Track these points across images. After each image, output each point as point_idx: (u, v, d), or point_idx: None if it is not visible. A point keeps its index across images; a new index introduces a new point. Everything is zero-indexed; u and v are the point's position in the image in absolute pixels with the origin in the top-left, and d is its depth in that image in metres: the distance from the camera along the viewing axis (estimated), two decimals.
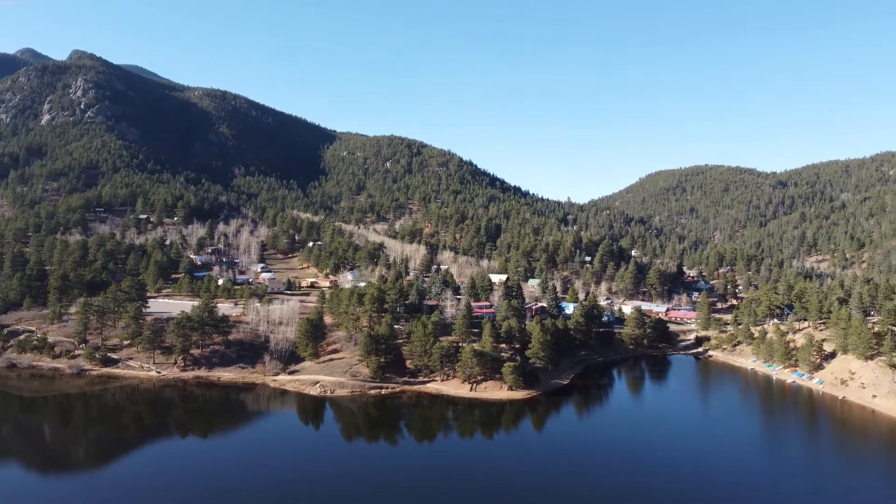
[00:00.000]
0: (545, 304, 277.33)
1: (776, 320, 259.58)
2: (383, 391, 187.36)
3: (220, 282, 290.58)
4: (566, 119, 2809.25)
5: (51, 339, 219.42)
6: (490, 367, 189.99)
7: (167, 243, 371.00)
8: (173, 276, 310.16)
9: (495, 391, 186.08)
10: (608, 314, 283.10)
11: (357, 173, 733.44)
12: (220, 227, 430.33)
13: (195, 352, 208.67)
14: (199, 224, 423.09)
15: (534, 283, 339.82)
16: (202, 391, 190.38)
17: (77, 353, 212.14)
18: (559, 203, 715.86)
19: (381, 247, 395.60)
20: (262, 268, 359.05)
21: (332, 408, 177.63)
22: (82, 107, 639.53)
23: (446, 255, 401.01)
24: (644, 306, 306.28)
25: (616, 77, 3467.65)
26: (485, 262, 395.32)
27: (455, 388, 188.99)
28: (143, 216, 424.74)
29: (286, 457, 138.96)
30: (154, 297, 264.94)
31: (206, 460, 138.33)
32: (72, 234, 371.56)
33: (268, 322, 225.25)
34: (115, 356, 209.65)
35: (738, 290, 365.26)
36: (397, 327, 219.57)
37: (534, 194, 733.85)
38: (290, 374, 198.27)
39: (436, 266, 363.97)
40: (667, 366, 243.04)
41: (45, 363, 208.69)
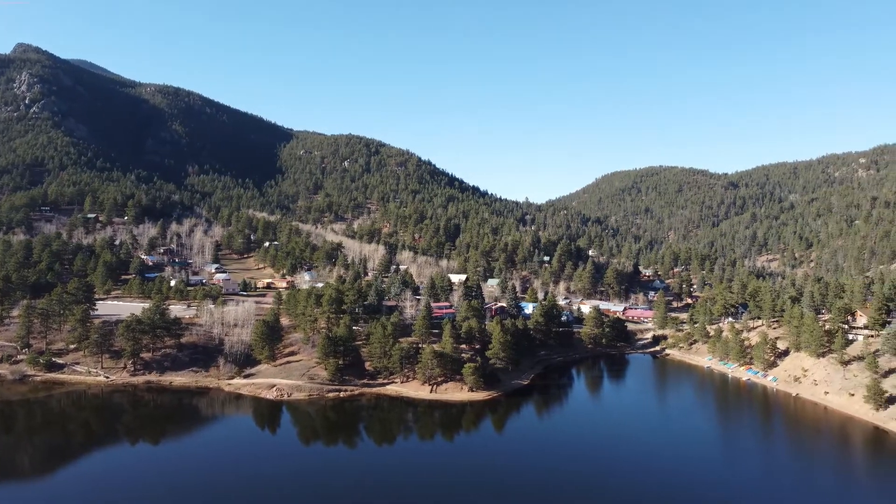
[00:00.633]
0: (505, 304, 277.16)
1: (731, 319, 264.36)
2: (342, 394, 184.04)
3: (173, 283, 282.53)
4: (524, 120, 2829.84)
5: None
6: (450, 368, 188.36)
7: (117, 243, 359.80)
8: (123, 277, 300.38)
9: (456, 392, 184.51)
10: (567, 314, 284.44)
11: (314, 172, 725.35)
12: (173, 226, 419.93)
13: (146, 356, 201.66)
14: (150, 224, 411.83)
15: (493, 282, 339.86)
16: (153, 396, 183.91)
17: (19, 358, 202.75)
18: (517, 203, 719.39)
19: (339, 247, 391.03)
20: (217, 268, 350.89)
21: (289, 411, 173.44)
22: (27, 102, 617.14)
23: (405, 255, 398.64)
24: (602, 305, 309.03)
25: (573, 80, 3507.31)
26: (444, 262, 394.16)
27: (415, 389, 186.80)
28: (91, 215, 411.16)
29: (241, 462, 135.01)
30: (103, 300, 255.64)
31: (158, 467, 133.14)
32: (15, 233, 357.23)
33: (222, 324, 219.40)
34: (60, 361, 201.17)
35: (692, 290, 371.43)
36: (356, 329, 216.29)
37: (492, 194, 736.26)
38: (246, 377, 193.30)
39: (395, 266, 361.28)
40: (625, 365, 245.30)
41: None
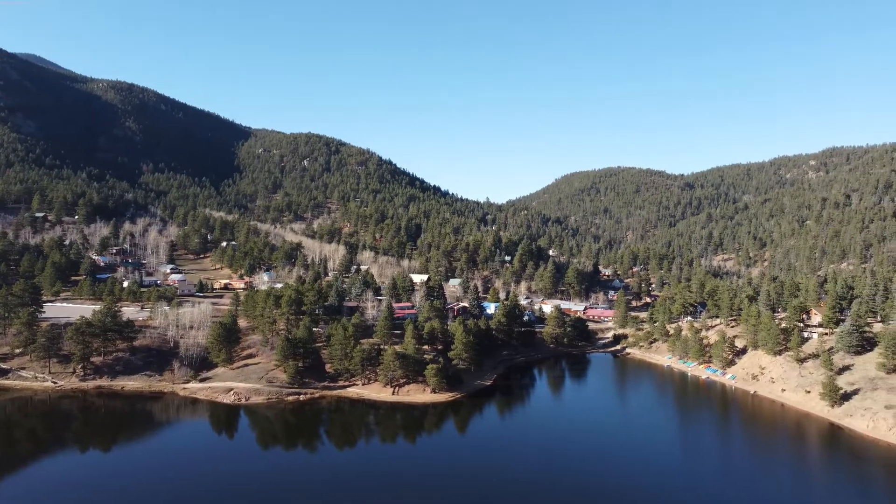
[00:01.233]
0: (467, 305, 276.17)
1: (690, 318, 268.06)
2: (302, 397, 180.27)
3: (126, 284, 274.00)
4: (484, 121, 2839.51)
5: None
6: (412, 369, 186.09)
7: (66, 243, 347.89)
8: (73, 278, 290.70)
9: (418, 394, 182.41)
10: (529, 313, 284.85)
11: (273, 171, 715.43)
12: (126, 226, 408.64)
13: (96, 360, 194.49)
14: (102, 223, 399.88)
15: (455, 282, 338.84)
16: (104, 402, 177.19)
17: None
18: (478, 203, 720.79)
19: (298, 247, 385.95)
20: (172, 269, 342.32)
21: (248, 415, 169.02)
22: None
23: (366, 255, 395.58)
24: (563, 305, 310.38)
25: (532, 82, 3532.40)
26: (405, 262, 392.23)
27: (377, 391, 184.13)
28: (39, 214, 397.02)
29: (196, 467, 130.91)
30: (51, 302, 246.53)
31: (108, 474, 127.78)
32: None
33: (177, 326, 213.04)
34: (4, 366, 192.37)
35: (651, 289, 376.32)
36: (316, 330, 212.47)
37: (453, 194, 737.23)
38: (202, 381, 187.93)
39: (356, 266, 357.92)
40: (586, 364, 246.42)
41: None
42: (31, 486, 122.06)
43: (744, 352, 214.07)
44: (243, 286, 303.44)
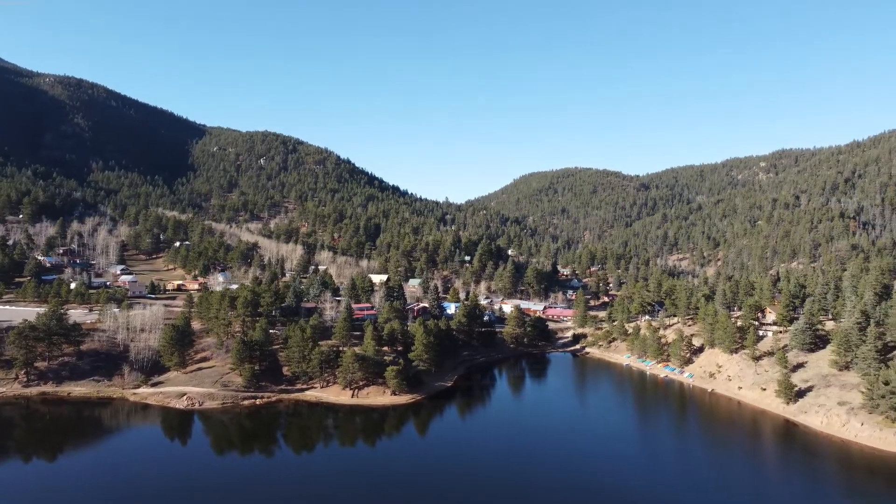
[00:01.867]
0: (427, 305, 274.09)
1: (648, 317, 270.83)
2: (258, 401, 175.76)
3: (73, 285, 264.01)
4: (442, 120, 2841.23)
5: None
6: (372, 371, 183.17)
7: (10, 243, 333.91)
8: (17, 279, 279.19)
9: (378, 397, 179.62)
10: (489, 313, 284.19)
11: (229, 170, 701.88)
12: (74, 225, 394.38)
13: (41, 365, 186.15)
14: (48, 222, 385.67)
15: (415, 283, 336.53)
16: (49, 409, 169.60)
17: None
18: (437, 203, 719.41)
19: (254, 247, 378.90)
20: (123, 270, 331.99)
21: (202, 421, 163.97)
22: None
23: (325, 255, 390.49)
24: (523, 305, 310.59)
25: (489, 81, 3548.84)
26: (364, 263, 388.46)
27: (335, 394, 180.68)
28: None
29: (147, 475, 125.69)
30: None
31: (54, 484, 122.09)
32: None
33: (128, 329, 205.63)
34: None
35: (609, 288, 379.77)
36: (273, 332, 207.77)
37: (412, 194, 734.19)
38: (153, 386, 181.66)
39: (314, 266, 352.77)
40: (547, 364, 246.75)
41: None
42: None
43: (701, 350, 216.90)
44: (197, 287, 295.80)
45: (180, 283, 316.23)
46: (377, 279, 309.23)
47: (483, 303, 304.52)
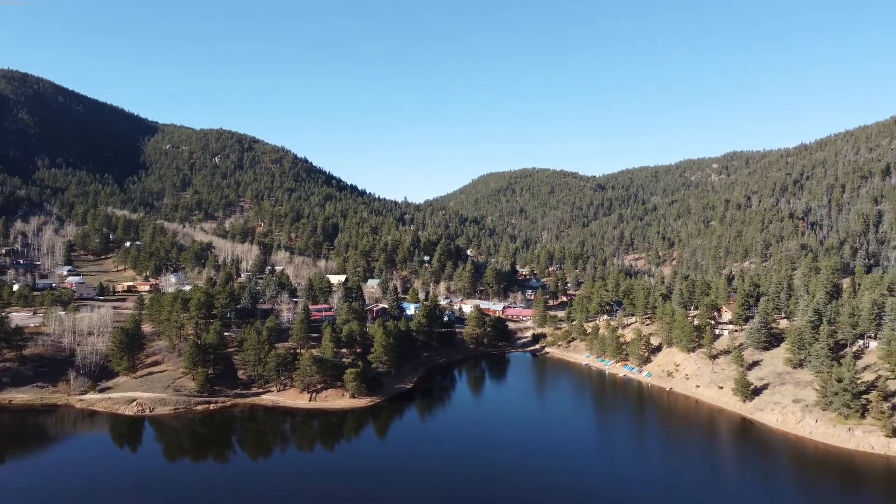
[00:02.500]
0: (386, 306, 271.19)
1: (606, 316, 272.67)
2: (212, 406, 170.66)
3: (16, 287, 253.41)
4: (401, 119, 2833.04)
5: None
6: (331, 374, 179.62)
7: None
8: None
9: (336, 400, 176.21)
10: (449, 314, 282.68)
11: (182, 168, 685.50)
12: (18, 224, 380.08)
13: None
14: None
15: (373, 283, 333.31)
16: None
17: None
18: (396, 203, 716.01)
19: (209, 247, 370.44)
20: (69, 271, 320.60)
21: (153, 427, 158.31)
22: None
23: (281, 256, 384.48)
24: (482, 305, 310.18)
25: (447, 81, 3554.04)
26: (322, 263, 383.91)
27: (293, 398, 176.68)
28: None
29: (94, 484, 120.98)
30: None
31: None
32: None
33: (74, 333, 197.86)
34: None
35: (567, 288, 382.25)
36: (228, 335, 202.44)
37: (371, 193, 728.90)
38: (101, 391, 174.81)
39: (270, 267, 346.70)
40: (506, 364, 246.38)
41: None
42: None
43: (659, 349, 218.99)
44: (149, 289, 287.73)
45: (131, 284, 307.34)
46: (335, 280, 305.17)
47: (443, 303, 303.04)
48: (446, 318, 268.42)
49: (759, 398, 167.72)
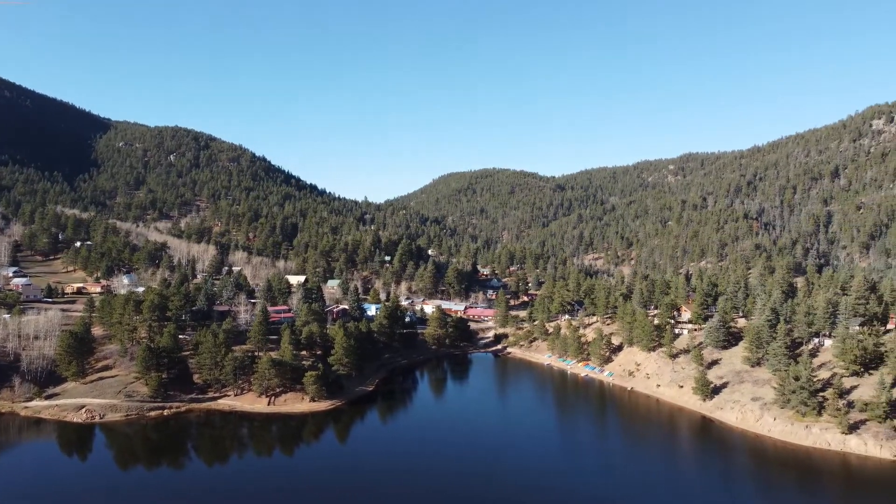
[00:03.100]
0: (347, 307, 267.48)
1: (568, 316, 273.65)
2: (166, 411, 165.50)
3: None
4: (361, 119, 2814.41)
5: None
6: (290, 377, 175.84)
7: None
8: None
9: (296, 403, 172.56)
10: (410, 314, 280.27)
11: (136, 166, 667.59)
12: None
13: None
14: None
15: (334, 284, 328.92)
16: None
17: None
18: (356, 202, 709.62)
19: (163, 247, 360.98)
20: (15, 272, 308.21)
21: (104, 434, 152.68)
22: None
23: (239, 256, 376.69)
24: (444, 305, 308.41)
25: (408, 80, 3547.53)
26: (281, 263, 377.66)
27: (251, 402, 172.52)
28: None
29: (42, 493, 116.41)
30: None
31: None
32: None
33: (19, 337, 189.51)
34: None
35: (528, 287, 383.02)
36: (182, 337, 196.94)
37: (330, 193, 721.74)
38: (48, 398, 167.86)
39: (227, 268, 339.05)
40: (468, 364, 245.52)
41: None
42: None
43: (620, 349, 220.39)
44: (100, 290, 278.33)
45: (81, 285, 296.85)
46: (295, 280, 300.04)
47: (404, 303, 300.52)
48: (408, 319, 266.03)
49: (719, 397, 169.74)
